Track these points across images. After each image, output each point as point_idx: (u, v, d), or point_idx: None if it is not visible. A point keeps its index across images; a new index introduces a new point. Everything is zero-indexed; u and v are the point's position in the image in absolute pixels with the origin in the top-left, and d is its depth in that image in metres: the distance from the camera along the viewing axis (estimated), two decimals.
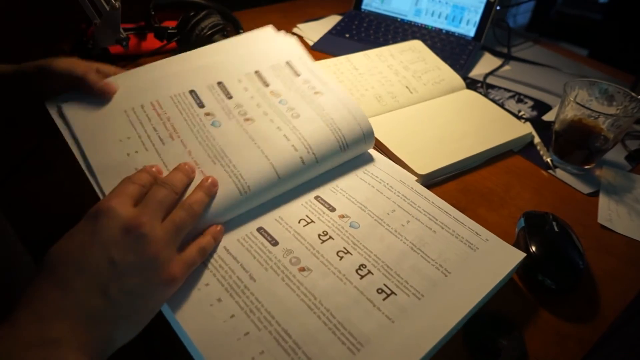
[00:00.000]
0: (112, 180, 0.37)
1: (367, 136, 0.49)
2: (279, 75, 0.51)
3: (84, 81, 0.42)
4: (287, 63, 0.52)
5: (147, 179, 0.36)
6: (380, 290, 0.36)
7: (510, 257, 0.41)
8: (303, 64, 0.53)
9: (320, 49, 0.84)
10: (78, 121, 0.42)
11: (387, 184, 0.48)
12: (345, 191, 0.46)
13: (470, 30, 0.86)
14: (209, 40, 0.68)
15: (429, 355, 0.34)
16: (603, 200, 0.55)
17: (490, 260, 0.40)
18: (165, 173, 0.39)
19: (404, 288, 0.37)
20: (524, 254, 0.41)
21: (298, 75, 0.51)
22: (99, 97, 0.43)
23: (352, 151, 0.49)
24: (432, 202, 0.46)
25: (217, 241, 0.38)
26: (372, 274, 0.38)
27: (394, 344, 0.33)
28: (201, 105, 0.46)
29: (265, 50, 0.53)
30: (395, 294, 0.36)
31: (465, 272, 0.39)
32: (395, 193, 0.46)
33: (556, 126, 0.59)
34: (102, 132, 0.41)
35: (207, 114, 0.45)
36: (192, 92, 0.46)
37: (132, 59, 0.73)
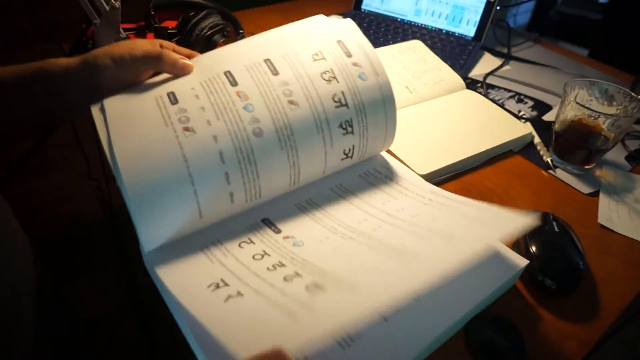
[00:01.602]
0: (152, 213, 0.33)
1: (382, 149, 0.48)
2: (331, 52, 0.44)
3: (162, 58, 0.39)
4: (338, 42, 0.45)
5: None
6: None
7: (512, 263, 0.40)
8: (356, 44, 0.45)
9: None
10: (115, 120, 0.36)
11: (395, 184, 0.46)
12: (344, 195, 0.45)
13: (470, 30, 0.86)
14: (208, 40, 0.68)
15: (420, 356, 0.34)
16: (603, 200, 0.55)
17: (491, 264, 0.40)
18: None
19: None
20: (527, 261, 0.41)
21: (349, 56, 0.44)
22: (177, 73, 0.40)
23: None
24: (450, 198, 0.43)
25: None
26: None
27: (385, 342, 0.33)
28: (234, 83, 0.39)
29: (316, 31, 0.46)
30: None
31: (464, 276, 0.38)
32: (402, 193, 0.45)
33: (556, 126, 0.59)
34: (149, 151, 0.34)
35: (238, 93, 0.39)
36: (227, 73, 0.40)
37: None
